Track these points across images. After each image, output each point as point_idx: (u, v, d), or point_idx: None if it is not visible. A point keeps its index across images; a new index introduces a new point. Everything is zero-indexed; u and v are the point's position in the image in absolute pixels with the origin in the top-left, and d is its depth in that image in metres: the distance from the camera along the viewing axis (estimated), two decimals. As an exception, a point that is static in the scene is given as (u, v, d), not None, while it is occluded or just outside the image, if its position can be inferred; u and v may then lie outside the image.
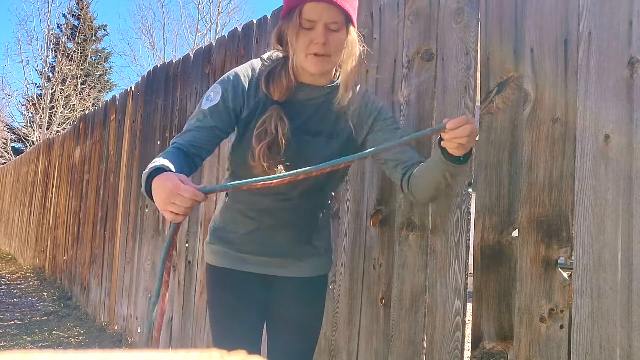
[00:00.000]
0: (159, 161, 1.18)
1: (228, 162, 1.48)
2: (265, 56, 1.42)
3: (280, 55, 1.37)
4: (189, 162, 1.29)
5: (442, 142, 1.18)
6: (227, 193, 1.49)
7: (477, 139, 1.19)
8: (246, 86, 1.36)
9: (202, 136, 1.32)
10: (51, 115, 18.98)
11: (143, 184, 1.16)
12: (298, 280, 1.48)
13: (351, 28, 1.31)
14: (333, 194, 1.60)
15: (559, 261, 1.29)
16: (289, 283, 1.48)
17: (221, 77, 1.40)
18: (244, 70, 1.39)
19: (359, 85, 1.43)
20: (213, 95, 1.35)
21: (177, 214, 1.08)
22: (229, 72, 1.40)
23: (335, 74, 1.40)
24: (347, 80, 1.34)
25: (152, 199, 1.13)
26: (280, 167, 1.31)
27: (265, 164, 1.31)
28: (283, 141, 1.31)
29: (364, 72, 1.85)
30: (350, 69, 1.33)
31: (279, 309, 1.50)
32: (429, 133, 1.26)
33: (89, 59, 21.11)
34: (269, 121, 1.32)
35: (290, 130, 1.33)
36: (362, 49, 1.35)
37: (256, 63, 1.41)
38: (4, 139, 19.94)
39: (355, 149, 1.39)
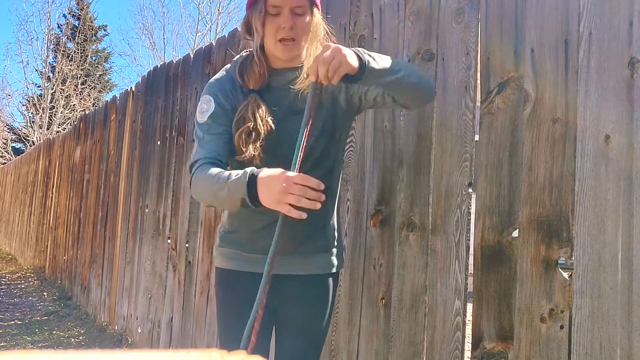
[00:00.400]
0: (227, 172, 1.24)
1: (230, 164, 1.48)
2: (236, 58, 1.48)
3: (252, 46, 1.43)
4: None
5: (332, 86, 1.26)
6: None
7: (339, 56, 1.18)
8: (230, 87, 1.42)
9: (219, 143, 1.36)
10: (51, 116, 18.98)
11: (244, 189, 1.18)
12: (305, 278, 1.46)
13: (315, 11, 1.38)
14: (339, 179, 1.59)
15: (559, 261, 1.28)
16: (296, 282, 1.46)
17: (205, 89, 1.45)
18: (221, 76, 1.46)
19: None
20: (206, 106, 1.39)
21: (298, 206, 1.12)
22: (209, 82, 1.46)
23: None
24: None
25: (252, 204, 1.18)
26: (258, 153, 1.36)
27: (244, 149, 1.35)
28: (262, 126, 1.35)
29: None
30: (314, 50, 1.38)
31: (286, 309, 1.48)
32: (312, 98, 1.23)
33: (89, 59, 21.10)
34: (245, 109, 1.37)
35: (275, 117, 1.38)
36: (326, 29, 1.42)
37: (229, 66, 1.48)
38: (5, 139, 19.94)
39: (341, 114, 1.46)
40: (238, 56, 1.48)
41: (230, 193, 1.21)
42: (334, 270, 1.54)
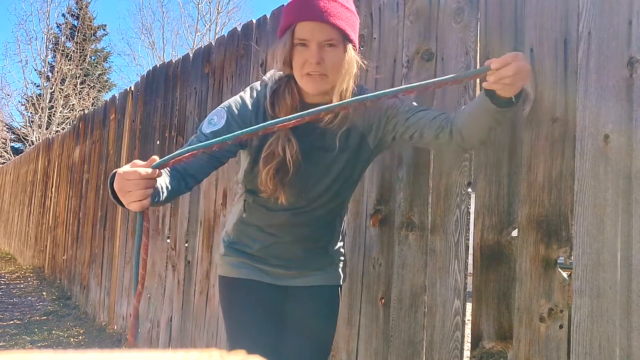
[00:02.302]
0: None
1: (242, 184, 1.46)
2: (267, 77, 1.39)
3: (283, 74, 1.35)
4: (180, 180, 1.25)
5: (486, 84, 1.10)
6: (244, 208, 1.46)
7: (529, 76, 1.08)
8: (253, 112, 1.33)
9: (199, 161, 1.28)
10: (50, 115, 18.97)
11: (112, 196, 1.09)
12: (311, 288, 1.50)
13: (349, 46, 1.28)
14: (349, 203, 1.61)
15: (558, 261, 1.29)
16: (304, 292, 1.49)
17: (227, 102, 1.36)
18: (248, 97, 1.36)
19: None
20: (217, 120, 1.31)
21: (139, 200, 1.01)
22: (234, 97, 1.37)
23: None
24: (340, 98, 1.29)
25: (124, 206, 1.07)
26: (285, 190, 1.31)
27: (271, 186, 1.30)
28: (291, 162, 1.29)
29: (364, 72, 1.85)
30: (345, 88, 1.30)
31: (294, 318, 1.49)
32: (471, 75, 1.23)
33: (88, 59, 21.09)
34: (275, 143, 1.30)
35: (300, 150, 1.31)
36: (359, 65, 1.32)
37: (258, 86, 1.39)
38: (4, 139, 19.92)
39: (367, 156, 1.42)
40: (270, 74, 1.39)
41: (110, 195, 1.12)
42: (341, 283, 1.58)
